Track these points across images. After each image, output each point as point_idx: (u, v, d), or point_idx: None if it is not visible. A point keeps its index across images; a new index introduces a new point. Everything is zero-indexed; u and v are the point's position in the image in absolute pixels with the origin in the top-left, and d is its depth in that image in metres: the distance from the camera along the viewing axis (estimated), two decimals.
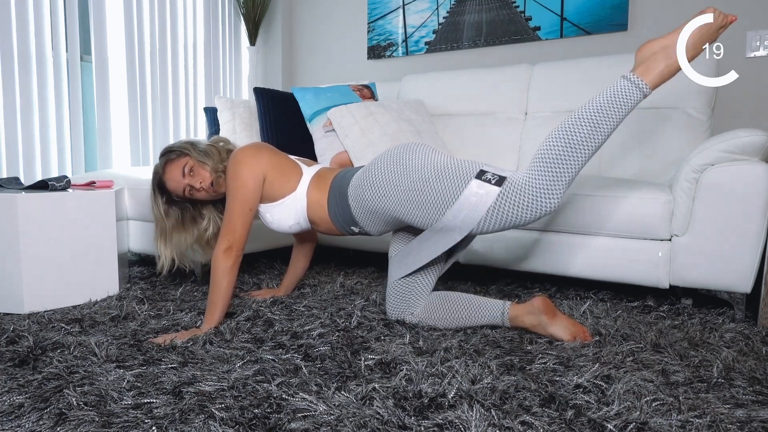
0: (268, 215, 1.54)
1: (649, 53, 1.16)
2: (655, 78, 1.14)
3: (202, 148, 1.55)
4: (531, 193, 1.17)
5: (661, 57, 1.14)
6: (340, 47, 3.57)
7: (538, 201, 1.16)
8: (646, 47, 1.17)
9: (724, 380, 1.12)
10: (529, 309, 1.40)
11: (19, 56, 2.51)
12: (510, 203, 1.19)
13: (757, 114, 2.38)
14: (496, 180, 1.20)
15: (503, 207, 1.20)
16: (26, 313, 1.59)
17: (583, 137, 1.13)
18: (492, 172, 1.24)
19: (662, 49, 1.15)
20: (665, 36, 1.15)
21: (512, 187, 1.19)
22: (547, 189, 1.16)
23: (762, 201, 1.53)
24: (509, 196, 1.19)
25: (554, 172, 1.14)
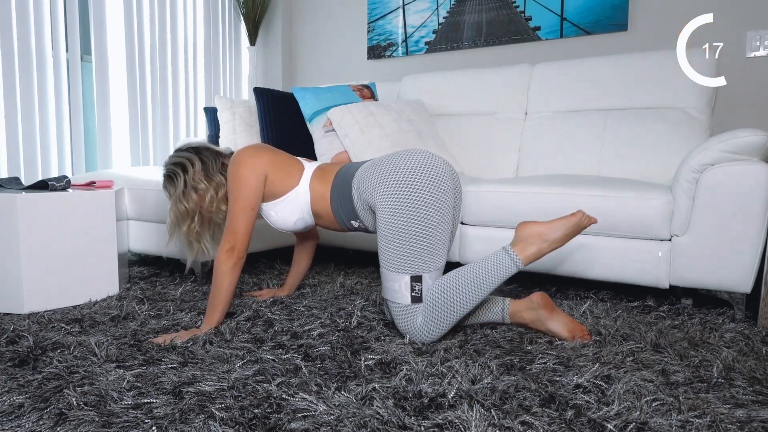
0: (272, 213, 1.54)
1: (528, 234, 1.34)
2: (528, 257, 1.32)
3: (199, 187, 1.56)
4: (420, 325, 1.34)
5: (536, 240, 1.33)
6: (340, 47, 3.57)
7: (419, 332, 1.34)
8: (527, 227, 1.35)
9: (724, 380, 1.12)
10: (528, 304, 1.40)
11: (19, 56, 2.51)
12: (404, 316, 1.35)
13: (757, 114, 2.38)
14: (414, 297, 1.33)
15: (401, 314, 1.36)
16: (26, 313, 1.59)
17: (464, 296, 1.32)
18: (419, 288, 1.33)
19: (538, 235, 1.33)
20: (543, 224, 1.33)
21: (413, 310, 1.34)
22: (428, 329, 1.33)
23: (762, 201, 1.53)
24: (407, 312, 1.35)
25: (436, 320, 1.32)
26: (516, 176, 2.30)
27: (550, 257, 1.83)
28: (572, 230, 1.33)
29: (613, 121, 2.24)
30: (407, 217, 1.31)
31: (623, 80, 2.27)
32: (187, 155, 1.57)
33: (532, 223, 1.35)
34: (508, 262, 1.32)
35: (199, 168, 1.56)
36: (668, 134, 2.10)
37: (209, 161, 1.58)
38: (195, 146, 1.61)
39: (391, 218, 1.33)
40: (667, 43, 2.49)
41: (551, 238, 1.32)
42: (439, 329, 1.33)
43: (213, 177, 1.57)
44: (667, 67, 2.19)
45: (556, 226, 1.33)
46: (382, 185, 1.35)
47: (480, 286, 1.32)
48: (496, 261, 1.33)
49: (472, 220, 1.96)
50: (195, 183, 1.55)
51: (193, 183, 1.54)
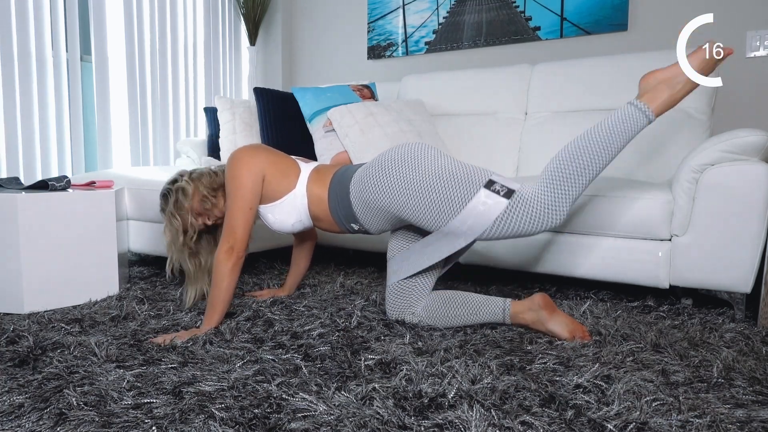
0: (270, 215, 1.54)
1: (654, 82, 1.22)
2: (660, 106, 1.20)
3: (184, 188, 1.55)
4: (539, 208, 1.22)
5: (665, 87, 1.21)
6: (340, 47, 3.57)
7: (545, 215, 1.21)
8: (651, 76, 1.23)
9: (724, 380, 1.12)
10: (529, 305, 1.40)
11: (19, 56, 2.51)
12: (517, 215, 1.24)
13: (757, 114, 2.38)
14: (505, 192, 1.24)
15: (510, 218, 1.24)
16: (26, 313, 1.59)
17: (592, 158, 1.20)
18: (501, 183, 1.26)
19: (666, 80, 1.21)
20: (669, 67, 1.22)
21: (521, 200, 1.24)
22: (555, 204, 1.21)
23: (762, 201, 1.53)
24: (517, 209, 1.24)
25: (562, 188, 1.20)
26: (516, 176, 2.30)
27: (549, 257, 1.83)
28: (704, 65, 1.18)
29: None
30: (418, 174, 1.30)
31: (623, 80, 2.27)
32: (176, 174, 1.59)
33: (655, 71, 1.23)
34: (638, 115, 1.19)
35: (187, 175, 1.57)
36: (668, 134, 2.10)
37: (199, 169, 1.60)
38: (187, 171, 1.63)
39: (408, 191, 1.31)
40: (667, 43, 2.49)
41: (681, 80, 1.18)
42: (567, 199, 1.20)
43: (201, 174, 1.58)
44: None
45: (683, 64, 1.19)
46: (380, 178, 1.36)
47: (608, 145, 1.19)
48: (624, 116, 1.19)
49: None
50: (182, 185, 1.54)
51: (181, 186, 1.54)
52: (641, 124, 1.20)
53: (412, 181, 1.32)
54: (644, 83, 1.25)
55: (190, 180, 1.56)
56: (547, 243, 1.85)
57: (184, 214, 1.53)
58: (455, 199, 1.27)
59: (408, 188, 1.32)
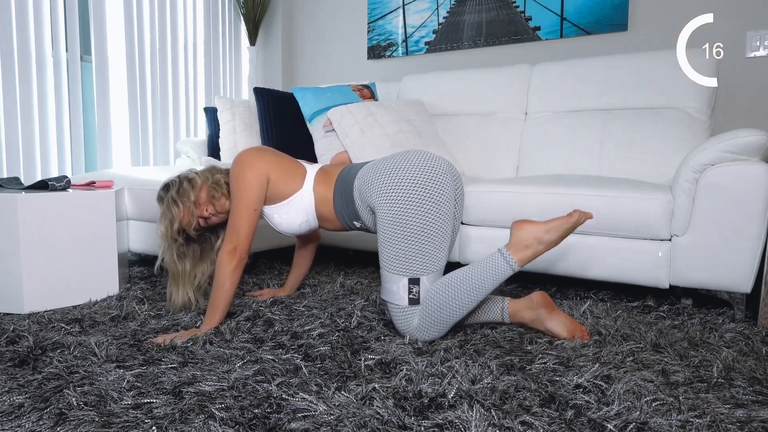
0: (276, 216, 1.53)
1: (524, 236, 1.32)
2: (525, 260, 1.31)
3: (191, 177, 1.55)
4: (417, 326, 1.35)
5: (533, 244, 1.32)
6: (340, 47, 3.57)
7: (418, 334, 1.35)
8: (523, 229, 1.33)
9: (724, 380, 1.12)
10: (528, 304, 1.40)
11: (19, 56, 2.51)
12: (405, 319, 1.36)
13: (757, 114, 2.38)
14: (413, 299, 1.33)
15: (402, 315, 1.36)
16: (26, 313, 1.59)
17: (460, 300, 1.31)
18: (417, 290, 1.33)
19: (534, 237, 1.31)
20: (540, 225, 1.32)
21: (411, 314, 1.34)
22: (425, 332, 1.34)
23: (762, 201, 1.53)
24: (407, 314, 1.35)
25: (433, 322, 1.33)
26: (516, 176, 2.30)
27: (549, 256, 1.83)
28: (569, 230, 1.32)
29: (613, 121, 2.24)
30: (406, 219, 1.31)
31: (623, 80, 2.27)
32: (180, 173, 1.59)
33: (528, 224, 1.33)
34: (504, 266, 1.31)
35: (193, 171, 1.57)
36: (668, 134, 2.10)
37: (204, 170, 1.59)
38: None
39: (390, 220, 1.32)
40: (667, 43, 2.49)
41: (547, 239, 1.31)
42: (435, 331, 1.33)
43: (207, 170, 1.58)
44: (667, 67, 2.19)
45: (553, 227, 1.31)
46: (382, 187, 1.35)
47: (476, 290, 1.31)
48: (492, 264, 1.32)
49: (472, 220, 1.96)
50: (188, 176, 1.54)
51: (186, 176, 1.54)
52: (507, 274, 1.32)
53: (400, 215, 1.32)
54: (516, 232, 1.34)
55: (198, 172, 1.56)
56: None
57: (185, 201, 1.50)
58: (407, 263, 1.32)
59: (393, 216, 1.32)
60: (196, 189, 1.52)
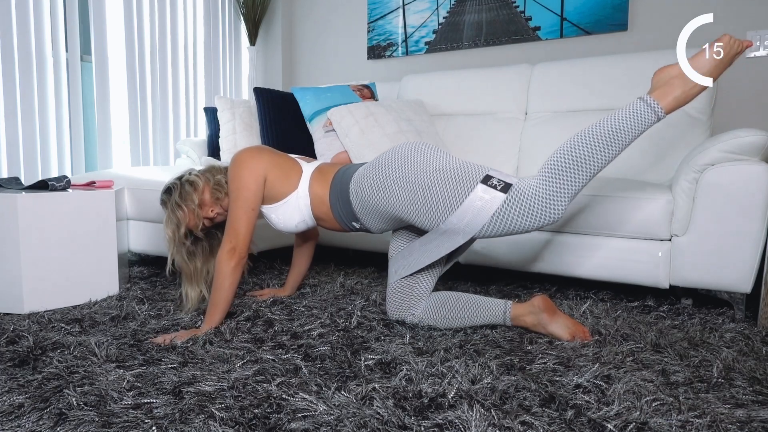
0: (273, 216, 1.54)
1: (667, 77, 1.17)
2: (671, 103, 1.15)
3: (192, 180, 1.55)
4: (536, 202, 1.19)
5: (678, 83, 1.16)
6: (340, 47, 3.57)
7: (542, 210, 1.18)
8: (664, 71, 1.18)
9: (724, 380, 1.12)
10: (530, 308, 1.40)
11: (19, 56, 2.51)
12: (515, 210, 1.21)
13: (757, 114, 2.38)
14: (502, 186, 1.22)
15: (508, 213, 1.22)
16: (26, 313, 1.59)
17: (595, 153, 1.15)
18: (498, 177, 1.24)
19: (680, 75, 1.16)
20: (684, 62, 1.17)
21: (518, 194, 1.21)
22: (553, 199, 1.18)
23: (762, 201, 1.53)
24: (515, 203, 1.21)
25: (561, 183, 1.16)
26: (516, 176, 2.30)
27: (550, 257, 1.83)
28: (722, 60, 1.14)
29: None
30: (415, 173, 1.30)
31: (623, 80, 2.27)
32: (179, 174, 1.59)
33: (670, 66, 1.18)
34: (647, 111, 1.14)
35: (195, 172, 1.58)
36: (668, 134, 2.10)
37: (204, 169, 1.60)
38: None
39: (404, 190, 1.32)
40: (667, 43, 2.49)
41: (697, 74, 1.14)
42: (566, 194, 1.16)
43: (208, 170, 1.59)
44: None
45: (700, 58, 1.13)
46: (378, 179, 1.36)
47: (614, 139, 1.13)
48: (632, 111, 1.15)
49: None
50: (190, 178, 1.55)
51: (188, 179, 1.55)
52: (650, 121, 1.15)
53: (407, 180, 1.32)
54: (657, 78, 1.20)
55: (198, 174, 1.57)
56: (547, 243, 1.85)
57: (189, 204, 1.52)
58: (452, 196, 1.25)
59: (404, 188, 1.32)
60: (199, 191, 1.53)
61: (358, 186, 1.42)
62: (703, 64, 1.15)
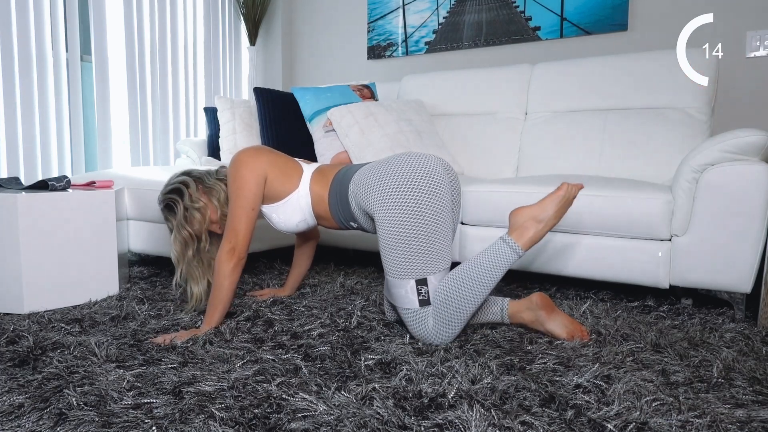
0: (274, 215, 1.54)
1: (521, 220, 1.34)
2: (527, 242, 1.32)
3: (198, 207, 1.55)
4: (432, 328, 1.33)
5: (531, 225, 1.33)
6: (340, 47, 3.57)
7: (436, 334, 1.32)
8: (519, 214, 1.35)
9: (724, 380, 1.12)
10: (527, 305, 1.40)
11: (19, 56, 2.51)
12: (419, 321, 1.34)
13: (757, 114, 2.38)
14: (423, 299, 1.32)
15: (415, 319, 1.34)
16: (26, 313, 1.59)
17: (471, 294, 1.31)
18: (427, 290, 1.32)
19: (533, 217, 1.33)
20: (534, 206, 1.34)
21: (425, 315, 1.33)
22: (441, 332, 1.32)
23: (762, 201, 1.53)
24: (420, 316, 1.33)
25: (447, 324, 1.32)
26: (516, 176, 2.30)
27: (550, 257, 1.83)
28: (563, 203, 1.32)
29: (613, 121, 2.24)
30: (406, 222, 1.30)
31: (623, 80, 2.27)
32: (179, 179, 1.58)
33: (523, 208, 1.35)
34: (508, 252, 1.31)
35: (194, 186, 1.56)
36: (668, 134, 2.10)
37: (203, 175, 1.59)
38: (182, 171, 1.62)
39: (390, 225, 1.32)
40: (667, 43, 2.49)
41: (545, 217, 1.32)
42: (451, 329, 1.32)
43: (212, 187, 1.58)
44: (667, 67, 2.19)
45: (546, 204, 1.32)
46: (379, 192, 1.34)
47: (484, 280, 1.31)
48: (496, 252, 1.32)
49: (472, 220, 1.96)
50: (194, 202, 1.54)
51: (192, 202, 1.54)
52: (512, 259, 1.31)
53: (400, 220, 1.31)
54: (513, 218, 1.36)
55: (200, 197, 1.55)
56: (547, 243, 1.85)
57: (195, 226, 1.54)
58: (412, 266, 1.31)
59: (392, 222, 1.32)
60: (206, 217, 1.55)
61: (356, 188, 1.42)
62: (548, 208, 1.32)
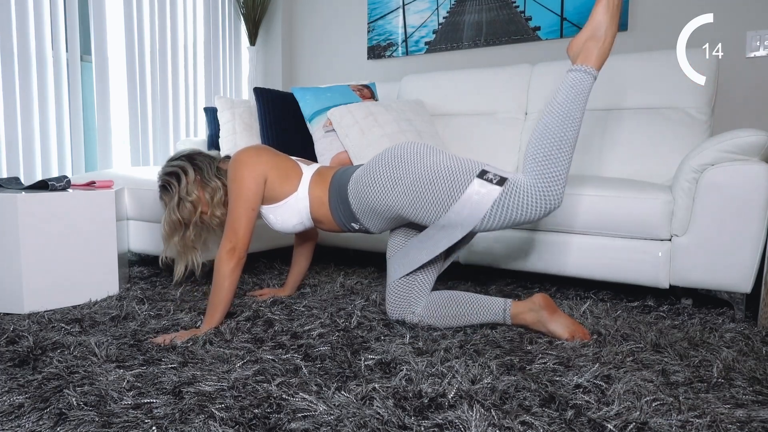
0: (272, 216, 1.54)
1: (580, 44, 1.30)
2: (596, 60, 1.28)
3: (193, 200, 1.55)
4: (534, 192, 1.25)
5: (591, 43, 1.29)
6: (340, 47, 3.57)
7: (541, 198, 1.25)
8: (574, 42, 1.32)
9: (724, 380, 1.12)
10: (530, 306, 1.40)
11: (19, 56, 2.51)
12: (513, 202, 1.27)
13: (757, 114, 2.38)
14: (498, 180, 1.28)
15: (506, 205, 1.27)
16: (26, 313, 1.59)
17: (562, 130, 1.25)
18: (493, 172, 1.30)
19: (590, 37, 1.29)
20: (585, 28, 1.29)
21: (515, 186, 1.27)
22: (548, 186, 1.25)
23: (762, 201, 1.53)
24: (512, 196, 1.27)
25: (549, 169, 1.24)
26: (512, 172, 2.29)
27: (550, 257, 1.83)
28: (614, 10, 1.28)
29: (612, 121, 2.24)
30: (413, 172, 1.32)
31: (623, 80, 2.27)
32: (180, 163, 1.57)
33: (577, 36, 1.32)
34: (582, 77, 1.27)
35: (192, 176, 1.55)
36: (668, 134, 2.10)
37: (204, 167, 1.58)
38: (188, 153, 1.61)
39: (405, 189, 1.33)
40: (667, 43, 2.49)
41: (602, 32, 1.27)
42: (558, 177, 1.24)
43: (209, 182, 1.57)
44: (667, 67, 2.19)
45: (597, 18, 1.28)
46: (379, 183, 1.36)
47: (571, 114, 1.25)
48: (571, 83, 1.27)
49: None
50: (188, 193, 1.54)
51: (187, 193, 1.54)
52: (589, 83, 1.27)
53: (405, 178, 1.33)
54: (572, 51, 1.32)
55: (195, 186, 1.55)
56: (547, 243, 1.85)
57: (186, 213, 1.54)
58: (450, 192, 1.29)
59: (402, 186, 1.33)
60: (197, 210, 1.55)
61: (356, 186, 1.42)
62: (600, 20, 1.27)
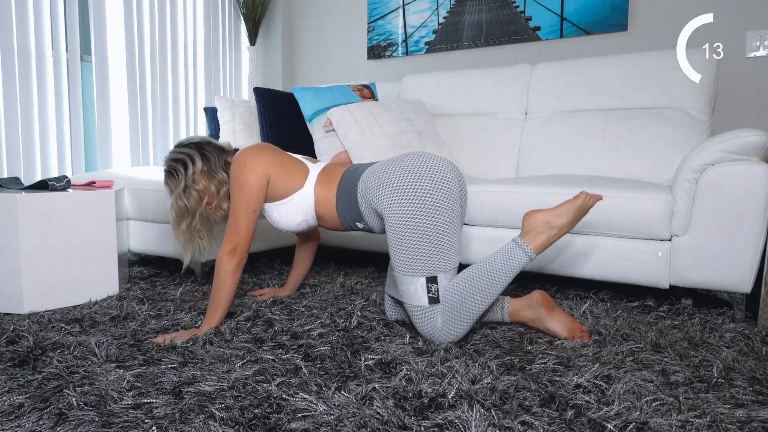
0: (276, 214, 1.53)
1: (535, 224, 1.35)
2: (539, 246, 1.33)
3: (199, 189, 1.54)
4: (440, 328, 1.33)
5: (544, 229, 1.34)
6: (340, 47, 3.57)
7: (443, 333, 1.32)
8: (533, 217, 1.36)
9: (724, 380, 1.12)
10: (528, 303, 1.41)
11: (19, 56, 2.51)
12: (428, 319, 1.34)
13: (757, 114, 2.38)
14: (432, 298, 1.32)
15: (424, 316, 1.34)
16: (26, 313, 1.59)
17: (482, 295, 1.31)
18: (437, 288, 1.32)
19: (547, 222, 1.34)
20: (549, 211, 1.35)
21: (433, 313, 1.33)
22: (451, 332, 1.32)
23: (762, 201, 1.53)
24: (429, 315, 1.33)
25: (456, 323, 1.31)
26: (516, 176, 2.30)
27: (550, 257, 1.83)
28: (578, 213, 1.33)
29: (613, 121, 2.24)
30: (417, 218, 1.30)
31: (623, 80, 2.27)
32: (189, 151, 1.54)
33: (538, 212, 1.36)
34: (520, 254, 1.32)
35: (200, 166, 1.53)
36: (668, 134, 2.10)
37: (212, 158, 1.56)
38: (197, 142, 1.58)
39: (400, 222, 1.32)
40: (667, 43, 2.49)
41: (559, 224, 1.33)
42: (460, 328, 1.32)
43: (215, 175, 1.55)
44: (667, 67, 2.19)
45: (562, 211, 1.33)
46: (389, 191, 1.34)
47: (495, 281, 1.32)
48: (508, 254, 1.33)
49: (473, 220, 1.96)
50: (195, 182, 1.53)
51: (193, 182, 1.53)
52: (524, 262, 1.32)
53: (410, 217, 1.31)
54: (527, 221, 1.37)
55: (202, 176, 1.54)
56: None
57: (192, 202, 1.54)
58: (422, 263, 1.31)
59: (403, 219, 1.32)
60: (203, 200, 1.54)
61: (365, 186, 1.41)
62: (565, 214, 1.33)
